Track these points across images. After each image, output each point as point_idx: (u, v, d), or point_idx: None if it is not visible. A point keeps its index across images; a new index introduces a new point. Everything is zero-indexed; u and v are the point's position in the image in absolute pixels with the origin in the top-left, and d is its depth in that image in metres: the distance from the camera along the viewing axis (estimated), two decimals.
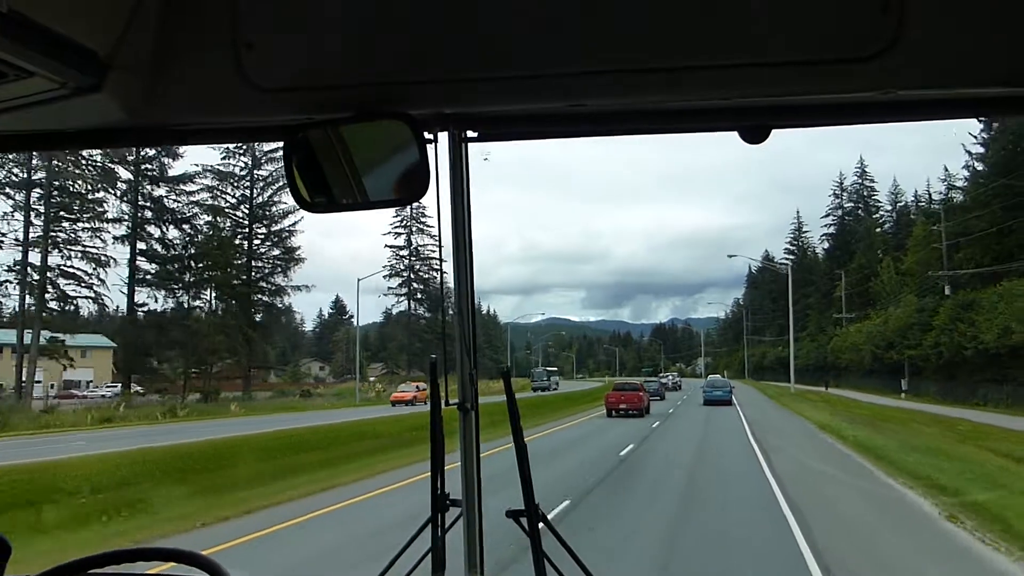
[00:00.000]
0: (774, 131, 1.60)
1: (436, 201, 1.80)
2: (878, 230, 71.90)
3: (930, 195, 64.96)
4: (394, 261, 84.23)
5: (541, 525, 1.96)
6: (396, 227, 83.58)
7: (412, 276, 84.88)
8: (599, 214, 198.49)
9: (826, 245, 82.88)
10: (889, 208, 75.16)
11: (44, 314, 43.44)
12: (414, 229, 75.33)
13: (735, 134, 1.61)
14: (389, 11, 1.49)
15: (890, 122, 1.56)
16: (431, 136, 1.66)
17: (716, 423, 31.30)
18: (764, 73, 1.41)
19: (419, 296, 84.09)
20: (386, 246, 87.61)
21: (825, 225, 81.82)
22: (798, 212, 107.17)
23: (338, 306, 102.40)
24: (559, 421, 32.28)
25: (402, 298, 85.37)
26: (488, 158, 1.98)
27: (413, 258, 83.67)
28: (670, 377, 77.63)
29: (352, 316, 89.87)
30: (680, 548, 10.23)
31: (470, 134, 1.79)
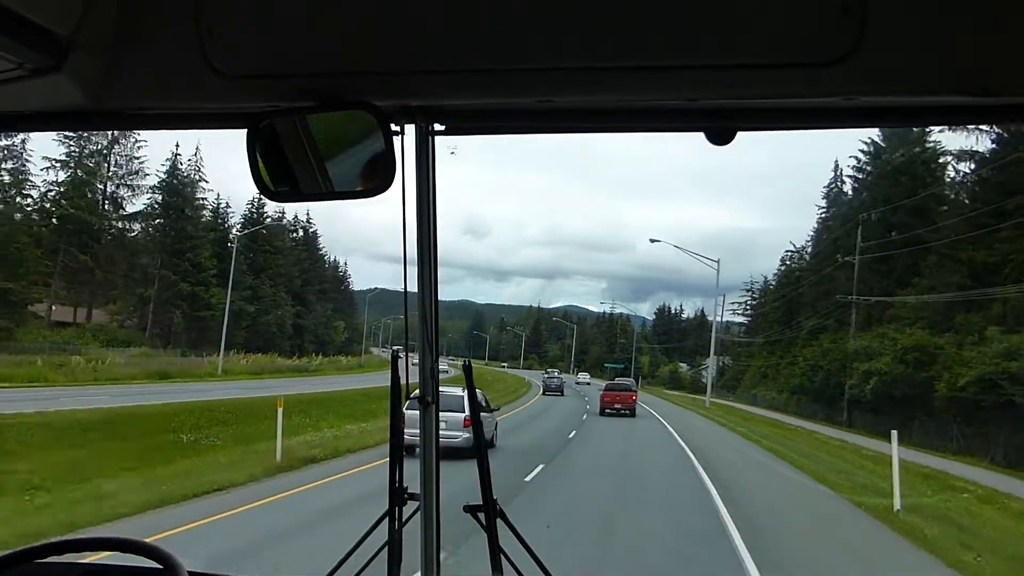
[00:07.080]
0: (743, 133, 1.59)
1: (401, 194, 1.79)
2: None
3: None
4: None
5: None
6: None
7: None
8: (626, 206, 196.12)
9: None
10: None
11: None
12: None
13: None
14: None
15: (853, 127, 1.55)
16: (397, 128, 1.64)
17: None
18: (729, 75, 1.39)
19: None
20: None
21: None
22: None
23: None
24: None
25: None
26: (455, 151, 1.96)
27: None
28: (555, 373, 64.28)
29: None
30: None
31: (437, 127, 1.77)
